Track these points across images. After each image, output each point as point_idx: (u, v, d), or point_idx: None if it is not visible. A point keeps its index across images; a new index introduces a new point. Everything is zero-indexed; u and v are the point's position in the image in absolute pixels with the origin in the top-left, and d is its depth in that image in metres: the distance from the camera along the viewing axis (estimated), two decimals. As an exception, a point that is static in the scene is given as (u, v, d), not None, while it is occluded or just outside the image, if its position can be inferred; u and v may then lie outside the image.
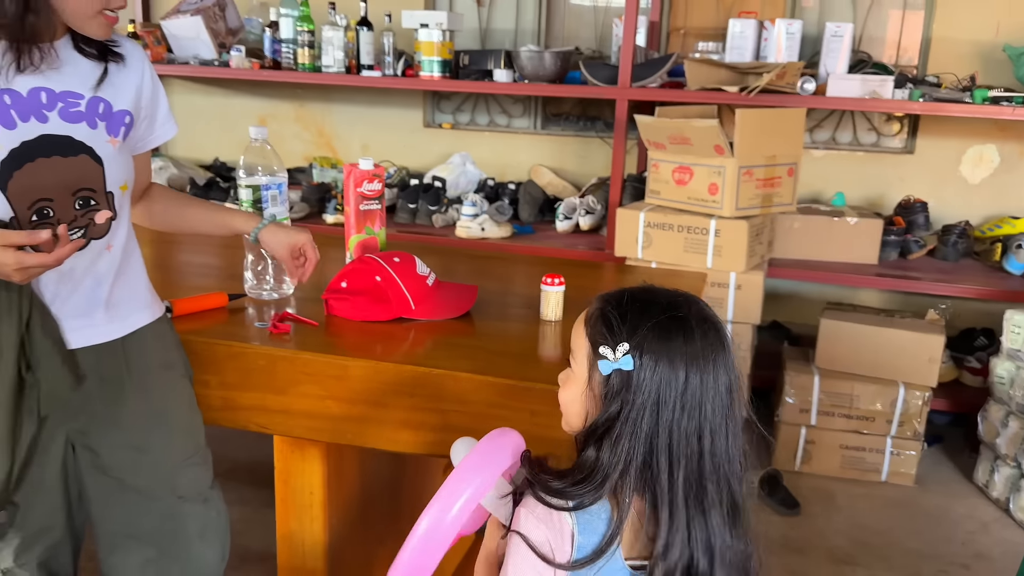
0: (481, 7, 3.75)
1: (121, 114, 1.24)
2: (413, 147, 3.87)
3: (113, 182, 1.23)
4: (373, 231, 1.75)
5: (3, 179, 1.11)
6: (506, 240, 3.18)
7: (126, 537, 1.31)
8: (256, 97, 4.00)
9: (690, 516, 0.88)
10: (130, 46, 1.29)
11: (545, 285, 1.51)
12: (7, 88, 1.12)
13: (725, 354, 0.91)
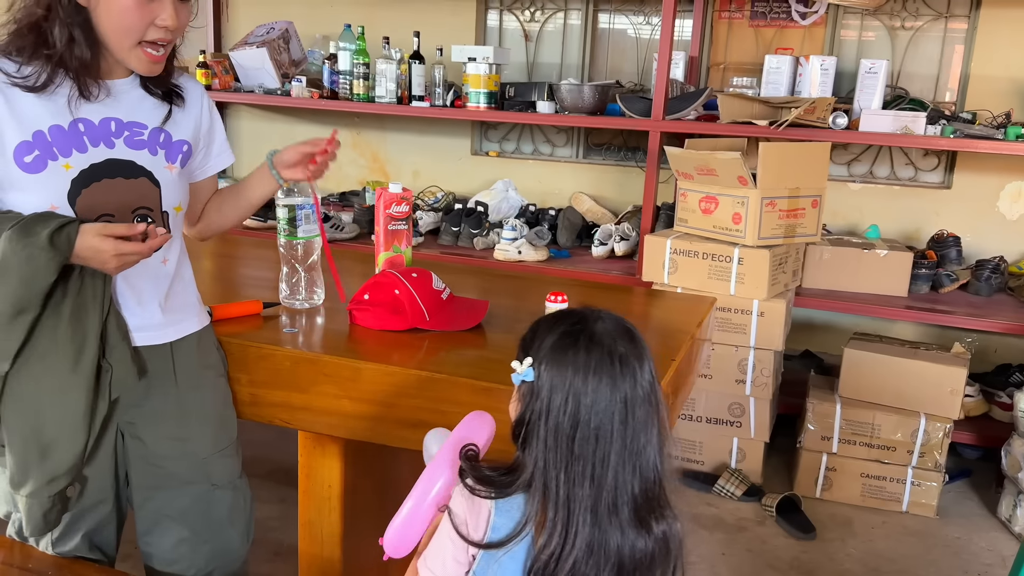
0: (529, 42, 3.92)
1: (180, 143, 1.42)
2: (461, 173, 4.05)
3: (169, 203, 1.40)
4: (400, 249, 1.91)
5: (73, 195, 1.29)
6: (542, 263, 3.31)
7: (163, 517, 1.47)
8: (316, 124, 4.24)
9: (576, 517, 0.98)
10: (191, 85, 1.47)
11: (549, 302, 1.64)
12: (82, 118, 1.30)
13: (630, 366, 1.01)
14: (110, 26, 1.25)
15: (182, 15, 1.30)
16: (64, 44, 1.25)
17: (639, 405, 1.01)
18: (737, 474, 2.77)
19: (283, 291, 1.76)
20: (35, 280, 1.20)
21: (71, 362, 1.28)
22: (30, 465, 1.30)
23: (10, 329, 1.23)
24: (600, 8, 3.80)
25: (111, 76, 1.34)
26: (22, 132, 1.25)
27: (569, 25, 3.86)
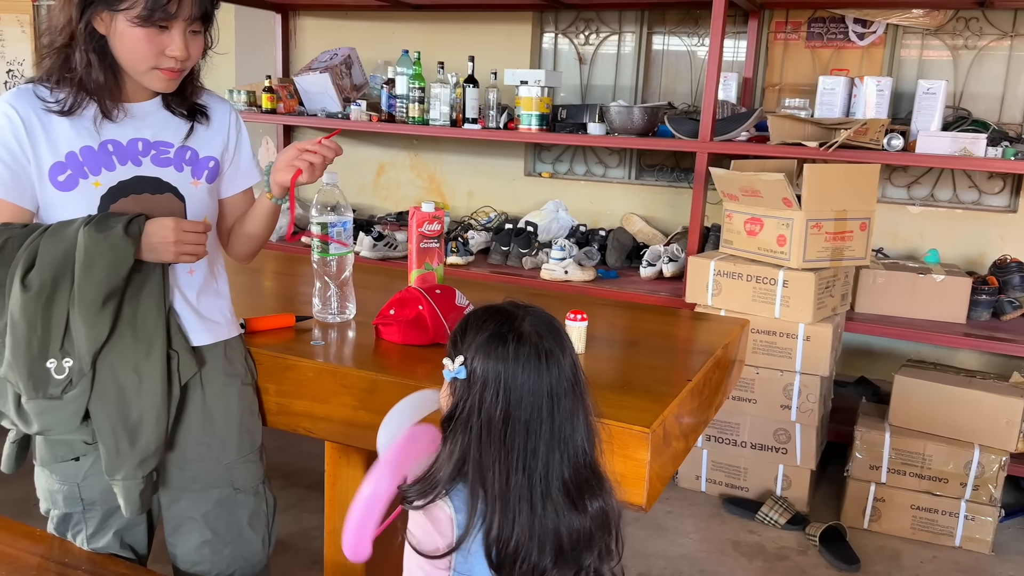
0: (583, 65, 3.96)
1: (206, 160, 1.50)
2: (514, 194, 4.10)
3: (193, 216, 1.48)
4: (431, 267, 1.96)
5: (102, 210, 1.38)
6: (588, 283, 3.32)
7: (187, 519, 1.53)
8: (376, 146, 4.36)
9: (512, 504, 1.02)
10: (216, 103, 1.55)
11: (569, 320, 1.66)
12: (112, 139, 1.39)
13: (555, 359, 1.06)
14: (124, 54, 1.34)
15: (193, 47, 1.37)
16: (83, 68, 1.34)
17: (564, 395, 1.06)
18: (781, 502, 2.71)
19: (316, 305, 1.83)
20: (119, 265, 1.31)
21: (145, 350, 1.38)
22: (121, 450, 1.39)
23: (99, 318, 1.33)
24: (654, 31, 3.81)
25: (136, 99, 1.42)
26: (55, 154, 1.35)
27: (623, 47, 3.88)
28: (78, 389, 1.36)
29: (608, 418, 1.32)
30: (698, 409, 1.60)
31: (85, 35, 1.32)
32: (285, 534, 2.52)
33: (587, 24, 3.93)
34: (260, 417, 1.61)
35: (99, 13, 1.30)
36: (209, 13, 1.38)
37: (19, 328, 1.32)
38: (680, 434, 1.48)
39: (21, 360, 1.33)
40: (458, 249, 3.55)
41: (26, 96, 1.36)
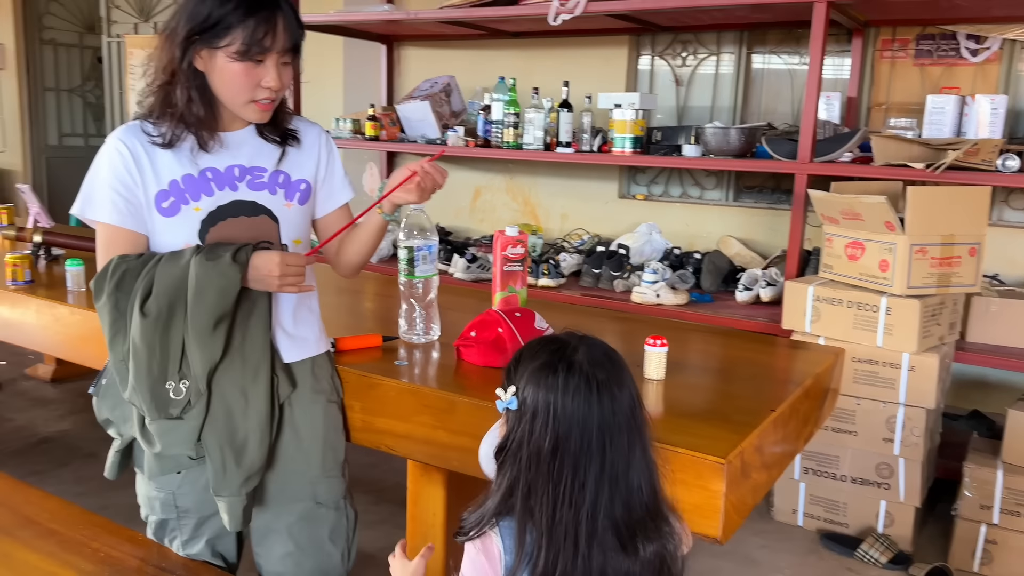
0: (680, 86, 3.93)
1: (298, 183, 1.57)
2: (608, 216, 4.09)
3: (287, 236, 1.55)
4: (515, 289, 1.98)
5: (203, 234, 1.47)
6: (680, 307, 3.27)
7: (271, 531, 1.60)
8: (473, 171, 4.45)
9: (559, 539, 0.99)
10: (307, 127, 1.62)
11: (648, 346, 1.64)
12: (210, 166, 1.48)
13: (609, 392, 1.03)
14: (222, 88, 1.42)
15: (284, 76, 1.44)
16: (184, 104, 1.43)
17: (618, 430, 1.02)
18: (883, 539, 2.57)
19: (402, 326, 1.88)
20: (227, 291, 1.39)
21: (252, 373, 1.47)
22: (228, 469, 1.47)
23: (211, 341, 1.41)
24: (754, 50, 3.75)
25: (231, 128, 1.51)
26: (160, 183, 1.45)
27: (721, 68, 3.83)
28: (196, 409, 1.45)
29: (682, 447, 1.30)
30: (783, 440, 1.55)
31: (187, 73, 1.41)
32: (375, 548, 2.57)
33: (684, 46, 3.90)
34: (344, 434, 1.67)
35: (199, 52, 1.39)
36: (298, 44, 1.46)
37: (140, 353, 1.41)
38: (761, 465, 1.44)
39: (143, 383, 1.42)
40: (549, 271, 3.56)
41: (133, 131, 1.47)
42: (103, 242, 1.47)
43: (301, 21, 1.45)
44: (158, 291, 1.39)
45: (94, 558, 1.60)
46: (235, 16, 1.36)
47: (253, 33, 1.36)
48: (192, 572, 1.55)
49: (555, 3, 3.31)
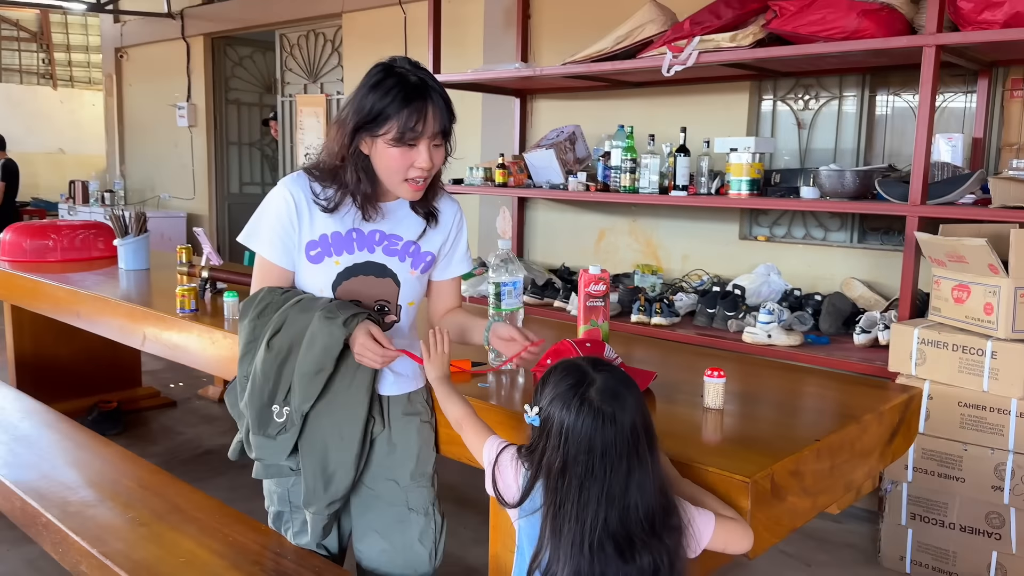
0: (802, 129, 3.96)
1: (425, 255, 1.78)
2: (729, 257, 4.15)
3: (404, 299, 1.77)
4: (597, 323, 2.14)
5: (336, 284, 1.71)
6: (793, 348, 3.28)
7: (370, 530, 1.83)
8: (597, 213, 4.64)
9: (563, 543, 1.16)
10: (446, 205, 1.81)
11: (707, 377, 1.76)
12: (356, 228, 1.72)
13: (615, 423, 1.19)
14: (382, 168, 1.65)
15: (436, 157, 1.64)
16: (353, 183, 1.66)
17: (619, 457, 1.18)
18: (995, 593, 2.48)
19: (491, 353, 2.09)
20: (331, 349, 1.61)
21: (351, 417, 1.69)
22: (316, 491, 1.71)
23: (312, 383, 1.65)
24: (877, 92, 3.73)
25: (385, 199, 1.73)
26: (312, 234, 1.70)
27: (844, 110, 3.83)
28: (288, 434, 1.69)
29: (714, 467, 1.42)
30: (832, 471, 1.62)
31: (355, 157, 1.63)
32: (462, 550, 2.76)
33: (806, 89, 3.94)
34: (435, 449, 1.89)
35: (363, 138, 1.63)
36: (448, 129, 1.64)
37: (258, 378, 1.68)
38: (802, 491, 1.53)
39: (255, 402, 1.69)
40: (662, 310, 3.67)
41: (301, 184, 1.70)
42: (258, 270, 1.75)
43: (452, 109, 1.64)
44: (284, 331, 1.64)
45: (224, 541, 1.90)
46: (392, 108, 1.56)
47: (406, 122, 1.56)
48: (301, 559, 1.81)
49: (668, 56, 3.48)
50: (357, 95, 1.62)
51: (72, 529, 1.93)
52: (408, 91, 1.58)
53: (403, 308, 1.79)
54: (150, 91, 8.11)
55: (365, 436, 1.72)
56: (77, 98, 10.04)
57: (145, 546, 1.90)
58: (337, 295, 1.71)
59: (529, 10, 4.83)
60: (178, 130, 7.71)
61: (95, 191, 8.12)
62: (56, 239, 3.85)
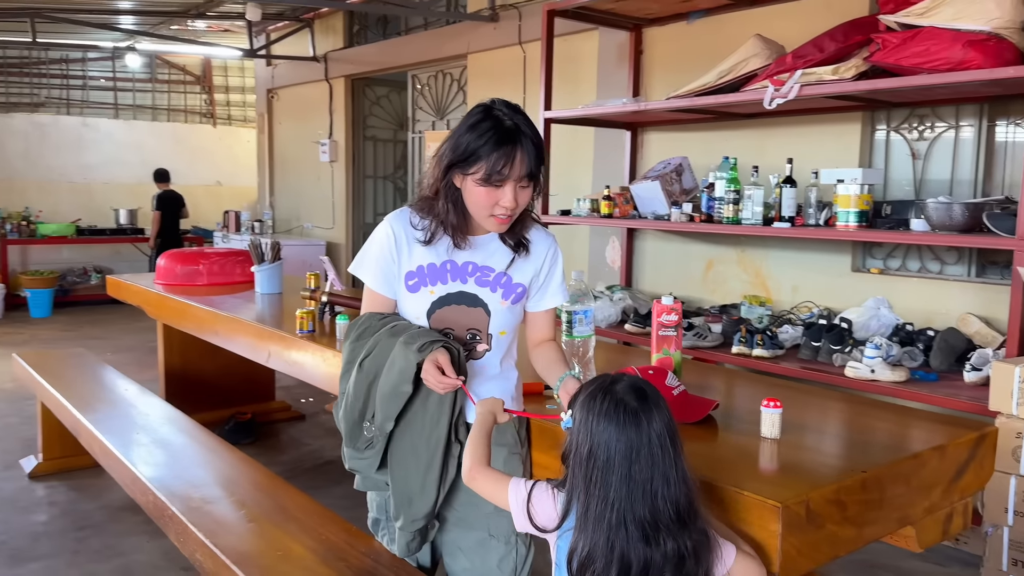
0: (916, 160, 3.86)
1: (517, 286, 1.85)
2: (840, 289, 4.08)
3: (495, 328, 1.85)
4: (669, 352, 2.22)
5: (430, 312, 1.82)
6: (897, 384, 3.20)
7: (456, 548, 1.94)
8: (706, 244, 4.67)
9: (590, 525, 1.27)
10: (540, 237, 1.88)
11: (763, 407, 1.81)
12: (450, 259, 1.82)
13: (637, 419, 1.33)
14: (471, 203, 1.74)
15: (521, 197, 1.73)
16: (444, 213, 1.78)
17: (644, 449, 1.30)
18: (1105, 651, 2.34)
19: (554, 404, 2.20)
20: (406, 371, 1.72)
21: (427, 435, 1.78)
22: (401, 507, 1.86)
23: (390, 403, 1.80)
24: (995, 122, 3.60)
25: (477, 232, 1.83)
26: (411, 265, 1.85)
27: (961, 139, 3.71)
28: (374, 450, 1.85)
29: (750, 491, 1.49)
30: (882, 503, 1.64)
31: (447, 190, 1.76)
32: None
33: (921, 119, 3.84)
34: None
35: (456, 174, 1.77)
36: (535, 173, 1.72)
37: (351, 396, 1.86)
38: (844, 520, 1.56)
39: (348, 418, 1.87)
40: (764, 342, 3.66)
41: (402, 218, 1.84)
42: (365, 297, 1.93)
43: (541, 154, 1.72)
44: (375, 354, 1.81)
45: (319, 540, 2.12)
46: (484, 150, 1.67)
47: (494, 165, 1.67)
48: (396, 568, 1.93)
49: (770, 89, 3.51)
50: (456, 133, 1.74)
51: (192, 522, 2.20)
52: (500, 135, 1.68)
53: (494, 337, 1.87)
54: (297, 129, 8.80)
55: (446, 460, 1.80)
56: (233, 135, 11.01)
57: (250, 540, 2.14)
58: (431, 323, 1.83)
59: (641, 46, 4.96)
60: (320, 165, 8.32)
61: (246, 220, 8.85)
62: (203, 265, 4.30)
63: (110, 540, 3.25)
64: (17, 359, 4.17)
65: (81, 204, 9.89)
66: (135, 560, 3.08)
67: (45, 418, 3.90)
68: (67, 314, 8.75)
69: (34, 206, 9.45)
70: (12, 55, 9.49)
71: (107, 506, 3.57)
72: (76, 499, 3.67)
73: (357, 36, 7.96)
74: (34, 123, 9.81)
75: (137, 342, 6.94)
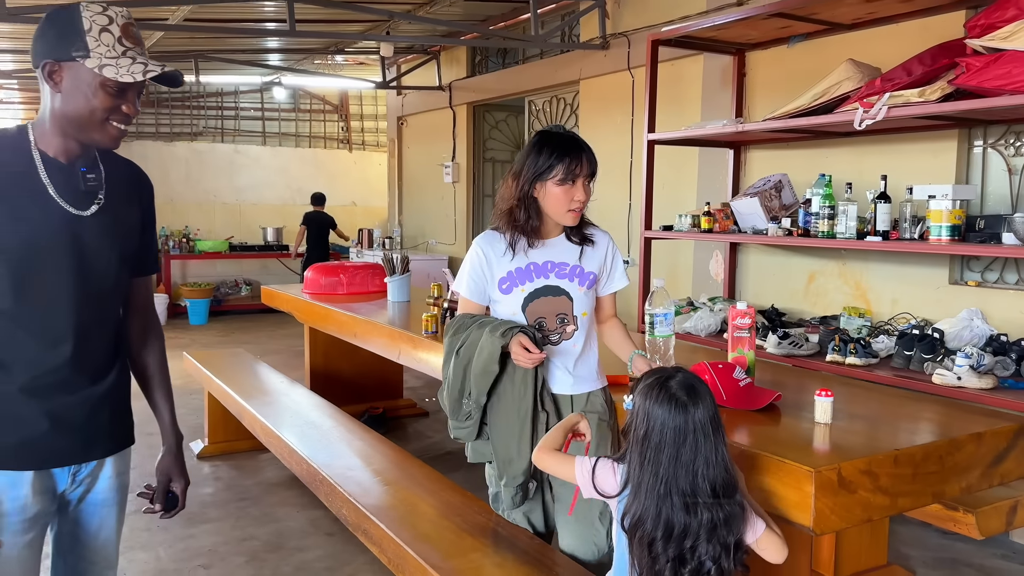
0: (1013, 175, 3.95)
1: (589, 274, 2.29)
2: (938, 302, 4.19)
3: (578, 310, 2.27)
4: (743, 351, 2.52)
5: (523, 306, 2.26)
6: (982, 392, 3.33)
7: (560, 516, 2.33)
8: (808, 257, 4.85)
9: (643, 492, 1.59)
10: (599, 234, 2.34)
11: (817, 396, 2.10)
12: (533, 262, 2.28)
13: (684, 408, 1.63)
14: (551, 204, 2.22)
15: (588, 193, 2.22)
16: (524, 220, 2.26)
17: (691, 435, 1.61)
18: None
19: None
20: (493, 354, 2.14)
21: (516, 406, 2.18)
22: (503, 468, 2.27)
23: (481, 380, 2.21)
24: (1094, 136, 3.66)
25: (550, 236, 2.28)
26: (501, 272, 2.28)
27: (1060, 155, 3.78)
28: (472, 421, 2.26)
29: (791, 459, 1.80)
30: (915, 479, 1.89)
31: (527, 200, 2.21)
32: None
33: (1017, 136, 3.93)
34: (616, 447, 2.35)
35: (536, 184, 2.21)
36: (594, 172, 2.22)
37: (451, 378, 2.28)
38: (876, 489, 1.83)
39: (451, 396, 2.28)
40: (856, 351, 3.84)
41: (488, 238, 2.29)
42: (461, 303, 2.39)
43: (595, 158, 2.21)
44: (468, 344, 2.22)
45: (441, 500, 2.55)
46: (558, 159, 2.16)
47: (568, 165, 2.16)
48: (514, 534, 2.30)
49: (860, 111, 3.72)
50: (529, 155, 2.20)
51: (339, 483, 2.68)
52: (567, 145, 2.19)
53: (578, 318, 2.27)
54: (423, 152, 9.46)
55: (535, 425, 2.18)
56: (367, 159, 11.87)
57: (384, 498, 2.59)
58: (526, 314, 2.24)
59: (744, 68, 5.21)
60: (444, 185, 8.92)
61: (378, 237, 9.60)
62: (343, 277, 4.88)
63: (266, 509, 3.82)
64: (188, 357, 4.87)
65: (233, 223, 10.96)
66: (287, 526, 3.63)
67: (211, 407, 4.56)
68: (221, 321, 9.75)
69: (193, 225, 10.57)
70: (176, 91, 10.65)
71: (263, 482, 4.17)
72: (237, 476, 4.29)
73: (479, 66, 8.53)
74: (193, 150, 10.95)
75: (282, 346, 7.71)
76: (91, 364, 1.70)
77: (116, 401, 1.78)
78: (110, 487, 1.79)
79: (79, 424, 1.69)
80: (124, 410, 1.82)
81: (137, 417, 1.86)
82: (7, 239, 1.59)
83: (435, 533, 2.33)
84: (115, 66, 1.58)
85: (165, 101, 10.83)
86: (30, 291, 1.61)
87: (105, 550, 1.83)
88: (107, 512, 1.80)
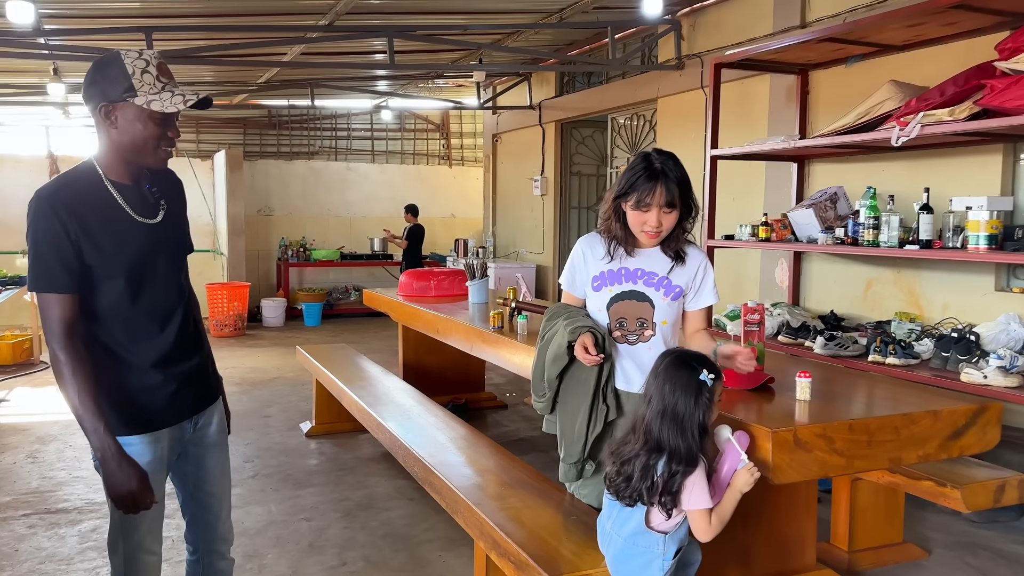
0: (1056, 186, 4.13)
1: (675, 287, 2.45)
2: (984, 308, 4.39)
3: (658, 318, 2.44)
4: (753, 343, 2.92)
5: (608, 306, 2.45)
6: (1008, 389, 3.57)
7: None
8: (866, 265, 5.11)
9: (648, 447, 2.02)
10: (694, 253, 2.49)
11: (798, 378, 2.49)
12: (624, 267, 2.46)
13: (681, 383, 2.04)
14: (630, 223, 2.41)
15: (665, 220, 2.35)
16: (616, 230, 2.46)
17: (681, 399, 2.03)
18: None
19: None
20: (562, 345, 2.42)
21: (580, 396, 2.48)
22: (564, 447, 2.64)
23: (552, 366, 2.58)
24: None
25: (644, 246, 2.46)
26: (595, 271, 2.48)
27: (1100, 167, 3.95)
28: (546, 397, 2.64)
29: (758, 423, 2.22)
30: (871, 444, 2.26)
31: (617, 214, 2.42)
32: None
33: (1061, 148, 4.11)
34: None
35: (621, 202, 2.50)
36: (674, 202, 2.34)
37: (538, 360, 2.65)
38: (831, 451, 2.21)
39: (535, 374, 2.65)
40: (896, 351, 4.11)
41: (591, 239, 2.53)
42: (563, 295, 2.70)
43: (685, 189, 2.36)
44: (551, 333, 2.60)
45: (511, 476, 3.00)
46: (635, 184, 2.36)
47: (640, 195, 2.35)
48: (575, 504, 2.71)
49: (896, 130, 4.01)
50: (625, 173, 2.43)
51: (424, 457, 3.21)
52: (647, 175, 2.36)
53: (657, 325, 2.45)
54: (515, 167, 10.05)
55: (593, 414, 2.46)
56: (465, 174, 12.58)
57: (464, 470, 3.09)
58: (610, 313, 2.46)
59: (807, 86, 5.51)
60: (533, 198, 9.47)
61: (472, 247, 10.24)
62: (433, 281, 5.48)
63: (360, 478, 4.44)
64: (300, 350, 5.59)
65: (344, 234, 11.87)
66: (376, 491, 4.23)
67: (318, 392, 5.25)
68: (332, 324, 10.63)
69: (309, 236, 11.53)
70: (295, 115, 11.68)
71: (358, 457, 4.81)
72: (337, 451, 4.94)
73: (567, 85, 9.04)
74: (310, 168, 11.94)
75: (384, 346, 8.43)
76: (189, 334, 2.09)
77: (210, 362, 2.25)
78: (217, 430, 2.22)
79: (194, 383, 2.11)
80: (214, 369, 2.24)
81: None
82: (121, 264, 1.92)
83: (484, 484, 2.85)
84: (159, 100, 1.86)
85: (285, 124, 11.86)
86: (141, 295, 1.97)
87: (222, 483, 2.26)
88: (219, 452, 2.23)
